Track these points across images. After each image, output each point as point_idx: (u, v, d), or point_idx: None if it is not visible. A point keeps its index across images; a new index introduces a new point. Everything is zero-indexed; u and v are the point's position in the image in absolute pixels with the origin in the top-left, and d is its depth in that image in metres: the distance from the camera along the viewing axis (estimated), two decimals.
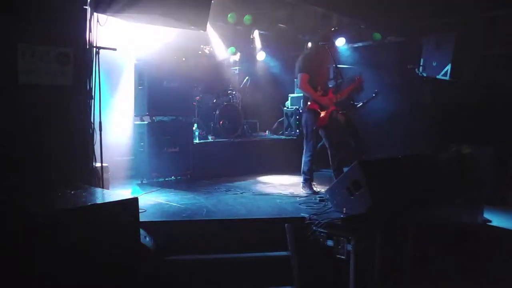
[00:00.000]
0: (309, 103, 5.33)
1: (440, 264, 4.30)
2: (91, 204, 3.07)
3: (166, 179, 6.08)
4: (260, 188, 5.77)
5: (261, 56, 9.04)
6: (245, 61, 8.91)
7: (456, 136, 6.67)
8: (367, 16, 7.19)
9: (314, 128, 5.29)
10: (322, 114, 5.25)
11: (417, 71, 7.41)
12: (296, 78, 5.48)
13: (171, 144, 6.06)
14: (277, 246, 3.90)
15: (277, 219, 4.14)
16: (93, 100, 4.11)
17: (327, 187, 4.67)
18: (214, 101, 7.65)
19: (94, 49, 4.16)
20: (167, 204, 4.70)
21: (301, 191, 5.36)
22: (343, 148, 5.05)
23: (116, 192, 3.72)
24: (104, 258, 2.95)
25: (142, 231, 3.53)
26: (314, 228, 3.81)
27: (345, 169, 4.97)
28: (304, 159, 5.39)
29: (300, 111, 7.52)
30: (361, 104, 7.28)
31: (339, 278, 3.60)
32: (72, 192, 3.45)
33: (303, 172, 5.39)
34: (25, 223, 2.81)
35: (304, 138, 5.44)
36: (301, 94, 6.84)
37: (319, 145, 5.71)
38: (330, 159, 5.37)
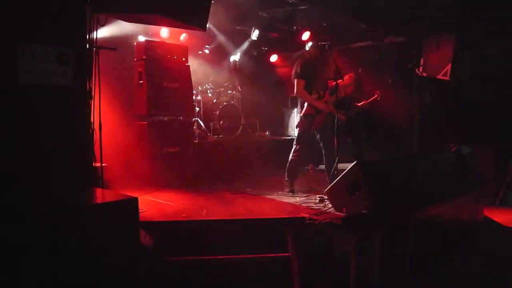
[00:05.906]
0: (305, 107, 5.35)
1: (440, 264, 4.29)
2: (91, 204, 3.08)
3: (166, 179, 6.08)
4: (260, 188, 5.77)
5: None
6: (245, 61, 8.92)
7: (456, 136, 6.66)
8: (367, 16, 7.19)
9: (307, 131, 5.34)
10: (318, 117, 5.30)
11: (417, 71, 7.41)
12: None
13: (171, 144, 6.06)
14: (277, 246, 3.90)
15: (277, 219, 4.14)
16: (93, 100, 4.11)
17: (327, 187, 4.66)
18: (214, 101, 7.64)
19: (94, 49, 4.16)
20: (167, 204, 4.70)
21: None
22: (337, 150, 5.11)
23: (116, 192, 3.71)
24: (104, 258, 2.94)
25: (142, 231, 3.53)
26: (314, 228, 3.81)
27: (342, 169, 5.00)
28: (290, 158, 5.46)
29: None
30: (361, 104, 7.28)
31: (339, 278, 3.60)
32: (72, 192, 3.45)
33: (287, 170, 5.48)
34: (25, 223, 2.81)
35: (295, 138, 5.52)
36: None
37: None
38: (324, 160, 5.45)
